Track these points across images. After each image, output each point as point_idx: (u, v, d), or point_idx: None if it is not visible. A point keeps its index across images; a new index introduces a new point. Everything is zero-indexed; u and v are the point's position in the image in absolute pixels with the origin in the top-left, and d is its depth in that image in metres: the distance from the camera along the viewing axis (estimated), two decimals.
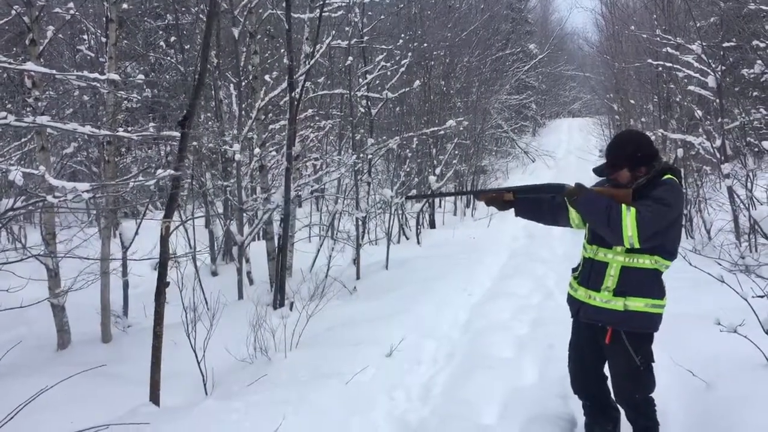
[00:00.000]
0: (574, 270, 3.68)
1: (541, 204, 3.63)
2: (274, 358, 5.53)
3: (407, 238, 13.35)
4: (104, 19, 7.71)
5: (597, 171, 3.57)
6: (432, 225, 14.90)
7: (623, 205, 3.15)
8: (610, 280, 3.35)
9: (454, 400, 4.71)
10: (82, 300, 7.08)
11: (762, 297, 4.28)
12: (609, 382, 3.59)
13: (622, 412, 3.63)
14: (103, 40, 8.35)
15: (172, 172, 4.66)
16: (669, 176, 3.29)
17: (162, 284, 4.46)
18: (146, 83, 14.55)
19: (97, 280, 6.98)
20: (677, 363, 4.35)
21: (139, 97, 14.47)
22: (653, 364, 3.42)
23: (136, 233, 7.86)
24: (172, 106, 14.12)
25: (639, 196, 3.26)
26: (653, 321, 3.36)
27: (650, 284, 3.32)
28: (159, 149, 14.80)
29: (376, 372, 5.08)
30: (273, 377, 5.03)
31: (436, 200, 15.84)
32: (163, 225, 4.12)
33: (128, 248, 7.62)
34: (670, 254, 3.32)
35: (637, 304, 3.30)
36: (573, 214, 3.53)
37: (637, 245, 3.14)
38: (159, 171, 4.94)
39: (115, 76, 6.55)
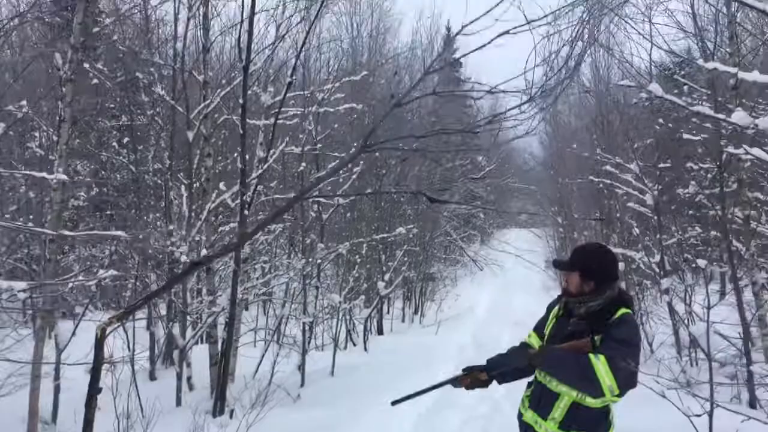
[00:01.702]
0: (529, 385, 3.63)
1: (523, 370, 3.58)
2: None
3: (354, 344, 13.17)
4: (57, 118, 7.73)
5: (555, 263, 3.65)
6: (380, 331, 14.77)
7: (591, 356, 3.13)
8: (558, 411, 3.32)
9: None
10: (8, 405, 6.70)
11: (701, 415, 4.32)
12: None
13: None
14: (55, 138, 8.34)
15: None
16: (625, 310, 3.29)
17: (94, 389, 4.26)
18: (95, 182, 14.47)
19: (26, 384, 6.64)
20: None
21: (86, 195, 14.32)
22: None
23: (73, 334, 7.58)
24: (120, 206, 14.01)
25: (595, 326, 3.25)
26: None
27: (597, 421, 3.29)
28: (103, 248, 14.53)
29: None
30: None
31: (385, 306, 15.78)
32: (99, 328, 3.99)
33: (63, 350, 7.32)
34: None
35: None
36: None
37: (617, 392, 3.09)
38: (101, 271, 4.84)
39: (63, 177, 6.50)
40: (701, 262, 4.36)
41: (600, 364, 3.08)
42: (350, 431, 6.38)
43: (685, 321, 8.20)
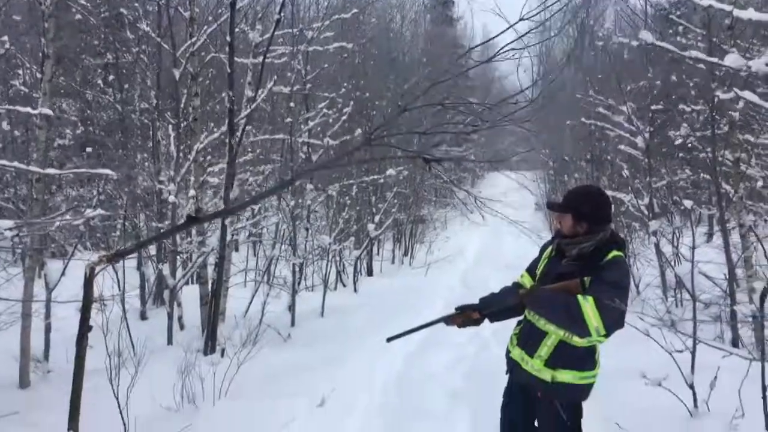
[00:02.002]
0: (518, 323, 3.68)
1: (510, 307, 3.60)
2: (202, 407, 5.35)
3: (344, 285, 13.28)
4: (41, 54, 7.55)
5: (549, 204, 3.67)
6: (370, 273, 14.88)
7: (579, 297, 3.15)
8: (545, 349, 3.37)
9: None
10: (0, 343, 6.75)
11: (682, 351, 4.39)
12: None
13: None
14: (39, 76, 8.16)
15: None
16: (617, 253, 3.29)
17: (84, 327, 4.28)
18: (81, 121, 14.25)
19: (17, 322, 6.67)
20: (605, 416, 4.39)
21: (72, 134, 14.13)
22: (581, 420, 3.45)
23: (63, 274, 7.58)
24: (107, 145, 13.84)
25: (586, 268, 3.27)
26: (581, 391, 3.39)
27: (583, 359, 3.35)
28: (91, 188, 14.43)
29: (306, 424, 4.96)
30: (199, 428, 4.85)
31: (375, 248, 15.86)
32: (87, 267, 3.97)
33: (53, 290, 7.32)
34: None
35: (565, 376, 3.32)
36: None
37: (603, 333, 3.11)
38: (88, 210, 4.80)
39: (48, 111, 6.39)
40: (687, 203, 4.37)
41: (588, 305, 3.10)
42: (340, 370, 6.47)
43: (672, 262, 8.29)
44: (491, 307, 3.56)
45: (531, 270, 3.67)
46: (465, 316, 3.59)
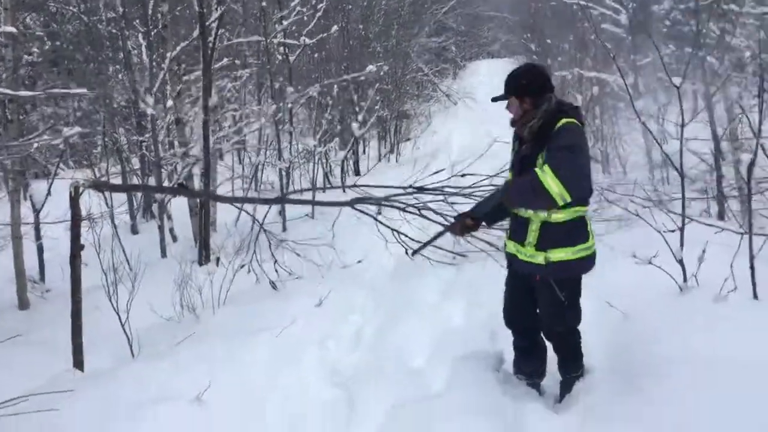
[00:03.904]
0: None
1: (500, 208, 3.63)
2: (202, 316, 5.44)
3: (332, 187, 13.26)
4: None
5: (494, 99, 3.65)
6: (357, 172, 14.84)
7: (536, 170, 3.21)
8: (532, 235, 3.43)
9: (383, 346, 4.76)
10: None
11: (673, 231, 4.45)
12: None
13: (550, 348, 3.76)
14: None
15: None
16: (566, 120, 3.30)
17: (76, 247, 4.28)
18: (47, 36, 13.71)
19: (8, 245, 6.67)
20: (596, 295, 4.50)
21: (40, 50, 13.63)
22: (580, 299, 3.55)
23: (48, 194, 7.52)
24: (77, 59, 13.39)
25: (540, 143, 3.32)
26: (579, 266, 3.45)
27: (571, 234, 3.39)
28: (67, 105, 14.09)
29: (306, 324, 5.06)
30: (202, 335, 4.95)
31: (360, 147, 15.76)
32: (71, 186, 3.92)
33: (40, 211, 7.29)
34: (584, 200, 3.40)
35: (558, 255, 3.38)
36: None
37: (569, 198, 3.17)
38: (66, 129, 4.69)
39: (11, 29, 6.14)
40: (676, 80, 4.30)
41: (544, 174, 3.16)
42: (335, 272, 6.56)
43: (659, 140, 8.27)
44: (482, 211, 3.66)
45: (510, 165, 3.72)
46: (462, 224, 3.73)
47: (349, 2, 14.88)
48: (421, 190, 6.96)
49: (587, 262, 3.47)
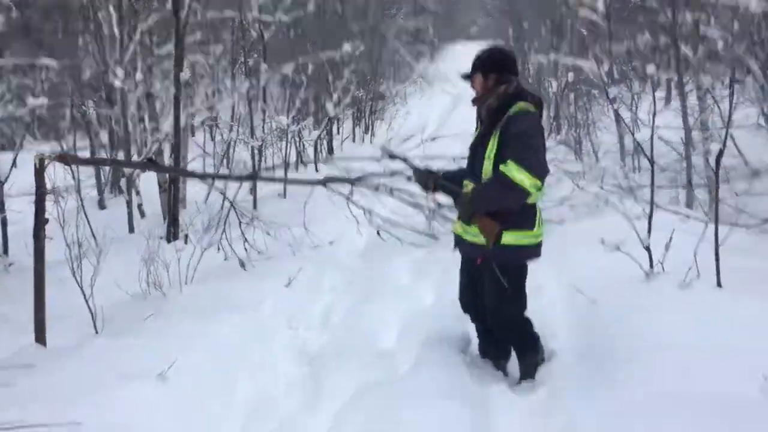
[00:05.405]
0: None
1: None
2: (169, 294, 5.37)
3: (305, 166, 13.16)
4: None
5: (463, 75, 3.64)
6: (330, 152, 14.75)
7: (501, 167, 3.23)
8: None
9: (353, 326, 4.76)
10: None
11: (640, 219, 4.50)
12: None
13: None
14: None
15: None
16: (522, 105, 3.34)
17: (40, 221, 4.18)
18: (15, 5, 13.33)
19: None
20: (564, 281, 4.53)
21: (5, 19, 13.23)
22: (525, 285, 3.57)
23: (13, 165, 7.35)
24: (47, 30, 13.07)
25: (492, 124, 3.36)
26: (524, 253, 3.45)
27: (518, 219, 3.38)
28: (35, 76, 13.76)
29: (275, 303, 5.03)
30: (168, 312, 4.88)
31: (334, 127, 15.65)
32: (36, 157, 3.83)
33: (4, 183, 7.12)
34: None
35: (505, 238, 3.36)
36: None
37: (540, 183, 3.22)
38: (31, 99, 4.57)
39: None
40: (650, 68, 4.32)
41: (509, 169, 3.18)
42: (304, 251, 6.52)
43: (631, 128, 8.35)
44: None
45: None
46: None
47: None
48: (391, 156, 6.90)
49: (532, 250, 3.47)
